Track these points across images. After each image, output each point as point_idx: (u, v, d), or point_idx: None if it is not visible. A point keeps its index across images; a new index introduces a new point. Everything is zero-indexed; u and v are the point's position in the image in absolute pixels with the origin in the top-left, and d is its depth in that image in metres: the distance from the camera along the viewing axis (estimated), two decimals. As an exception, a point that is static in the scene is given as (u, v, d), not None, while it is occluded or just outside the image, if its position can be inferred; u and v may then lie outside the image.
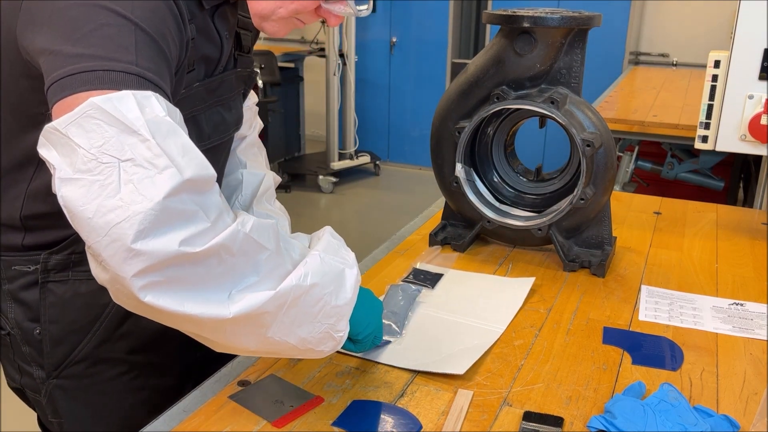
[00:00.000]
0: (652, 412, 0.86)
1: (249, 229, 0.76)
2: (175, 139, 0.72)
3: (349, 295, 0.86)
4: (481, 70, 1.35)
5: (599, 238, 1.40)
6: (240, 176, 1.18)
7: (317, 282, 0.82)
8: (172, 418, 0.90)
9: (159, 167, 0.70)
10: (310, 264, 0.83)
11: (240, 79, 1.11)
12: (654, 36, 5.06)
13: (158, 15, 0.80)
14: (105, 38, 0.74)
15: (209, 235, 0.72)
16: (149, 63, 0.76)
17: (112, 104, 0.70)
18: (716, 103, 1.54)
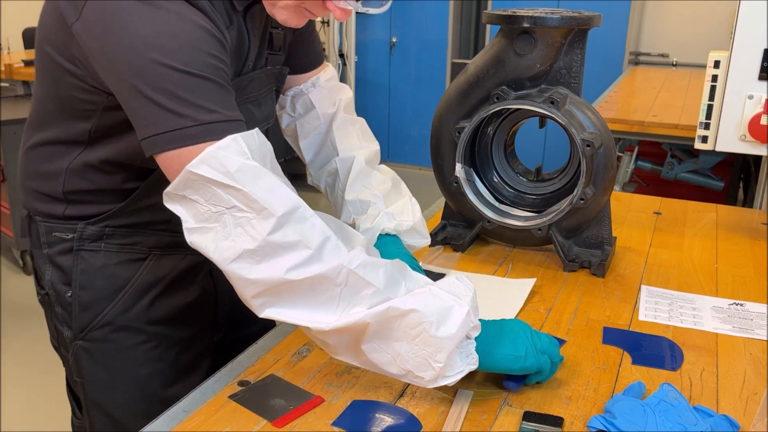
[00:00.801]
0: (652, 412, 0.86)
1: (355, 267, 0.84)
2: (260, 181, 0.82)
3: (452, 331, 0.86)
4: (481, 70, 1.35)
5: (599, 238, 1.41)
6: (334, 164, 1.23)
7: (417, 308, 0.86)
8: (172, 418, 0.90)
9: (257, 210, 0.81)
10: (415, 293, 0.88)
11: (271, 76, 1.14)
12: (654, 36, 5.07)
13: (201, 48, 0.84)
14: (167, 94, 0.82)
15: (313, 264, 0.83)
16: (213, 104, 0.84)
17: (204, 167, 0.81)
18: (716, 104, 1.54)
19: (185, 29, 0.84)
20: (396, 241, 1.18)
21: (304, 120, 1.28)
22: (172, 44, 0.82)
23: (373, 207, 1.19)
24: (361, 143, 1.27)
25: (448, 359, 0.87)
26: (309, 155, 1.29)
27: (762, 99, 1.49)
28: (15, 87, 4.70)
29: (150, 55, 0.81)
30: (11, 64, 4.42)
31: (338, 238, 0.86)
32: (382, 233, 1.17)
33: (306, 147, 1.28)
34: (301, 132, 1.28)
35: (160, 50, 0.81)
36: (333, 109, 1.27)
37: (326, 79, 1.28)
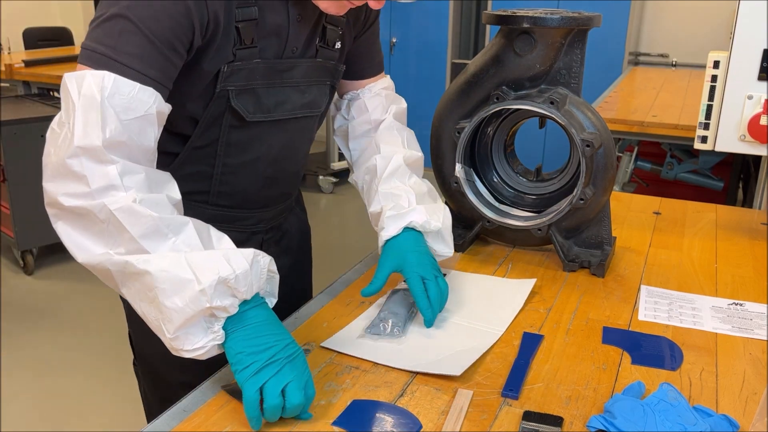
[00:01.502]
0: (651, 411, 0.87)
1: (114, 209, 0.86)
2: (89, 114, 0.87)
3: (180, 304, 0.84)
4: (481, 71, 1.36)
5: (599, 238, 1.41)
6: (374, 161, 1.28)
7: (151, 272, 0.84)
8: (172, 418, 0.90)
9: (71, 134, 0.87)
10: (164, 256, 0.86)
11: (323, 69, 1.20)
12: (654, 36, 5.07)
13: (165, 17, 0.92)
14: (102, 32, 0.93)
15: (82, 199, 0.87)
16: (133, 51, 0.91)
17: (72, 80, 0.90)
18: (716, 104, 1.54)
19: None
20: (420, 239, 1.19)
21: (355, 122, 1.35)
22: (146, 2, 0.91)
23: (404, 200, 1.21)
24: (405, 148, 1.30)
25: (179, 332, 0.85)
26: (355, 155, 1.36)
27: (761, 99, 1.49)
28: (15, 87, 4.70)
29: (125, 0, 0.92)
30: (11, 64, 4.42)
31: (128, 188, 0.87)
32: (408, 227, 1.18)
33: (353, 148, 1.36)
34: (352, 134, 1.35)
35: (134, 5, 0.91)
36: (385, 115, 1.33)
37: (382, 87, 1.36)
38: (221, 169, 1.16)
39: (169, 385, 1.26)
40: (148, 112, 0.92)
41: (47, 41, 6.02)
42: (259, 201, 1.25)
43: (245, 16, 1.03)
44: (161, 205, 0.90)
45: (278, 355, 0.87)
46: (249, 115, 1.11)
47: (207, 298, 0.84)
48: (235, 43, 1.04)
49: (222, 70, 1.05)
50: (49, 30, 6.30)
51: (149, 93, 0.92)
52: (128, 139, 0.90)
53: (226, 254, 0.87)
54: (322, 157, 5.32)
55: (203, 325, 0.87)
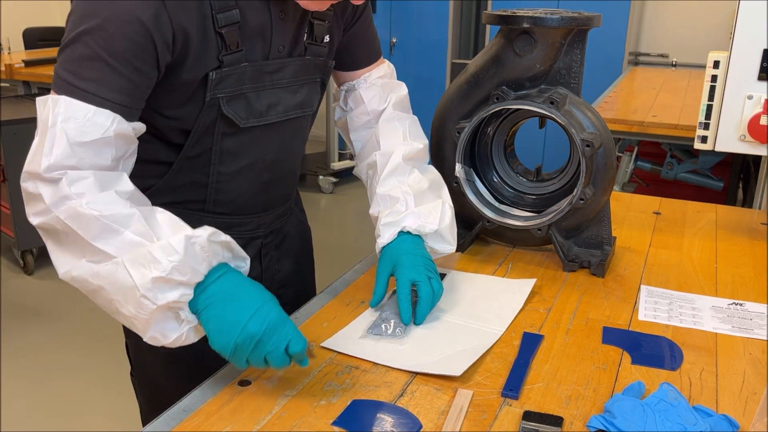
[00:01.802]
0: (651, 411, 0.87)
1: (64, 217, 0.89)
2: (42, 138, 0.91)
3: (133, 312, 0.87)
4: (481, 71, 1.36)
5: (599, 238, 1.41)
6: (374, 158, 1.26)
7: (103, 287, 0.89)
8: (172, 418, 0.90)
9: (28, 158, 0.92)
10: (109, 264, 0.88)
11: (312, 66, 1.18)
12: (653, 36, 5.07)
13: (122, 39, 0.92)
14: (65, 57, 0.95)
15: (43, 215, 0.91)
16: (92, 76, 0.92)
17: (40, 103, 0.94)
18: (715, 104, 1.54)
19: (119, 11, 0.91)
20: (417, 242, 1.19)
21: (353, 114, 1.32)
22: (100, 26, 0.91)
23: (401, 204, 1.20)
24: (406, 140, 1.28)
25: (151, 332, 0.89)
26: (357, 146, 1.34)
27: (761, 99, 1.49)
28: (15, 87, 4.70)
29: (83, 25, 0.92)
30: (11, 64, 4.42)
31: (79, 194, 0.90)
32: (404, 231, 1.18)
33: (355, 139, 1.34)
34: (351, 126, 1.33)
35: (88, 22, 0.92)
36: (383, 105, 1.30)
37: (379, 75, 1.32)
38: (216, 178, 1.14)
39: (167, 396, 1.21)
40: (104, 135, 0.93)
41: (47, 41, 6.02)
42: (257, 206, 1.23)
43: (228, 21, 1.01)
44: (110, 202, 0.90)
45: (248, 330, 0.88)
46: (242, 121, 1.09)
47: (150, 301, 0.86)
48: (221, 49, 1.02)
49: (210, 78, 1.03)
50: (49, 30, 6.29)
51: (105, 115, 0.93)
52: (78, 161, 0.91)
53: (156, 251, 0.87)
54: (322, 157, 5.32)
55: (171, 316, 0.89)
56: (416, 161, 1.28)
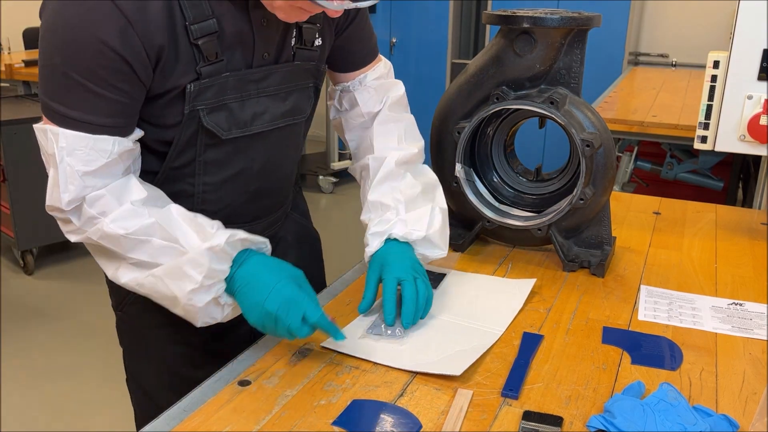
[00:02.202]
0: (651, 411, 0.87)
1: (97, 238, 0.99)
2: (54, 173, 0.96)
3: (182, 312, 1.00)
4: (481, 71, 1.36)
5: (599, 238, 1.41)
6: (367, 162, 1.26)
7: (150, 294, 1.01)
8: (172, 418, 0.90)
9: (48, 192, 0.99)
10: (147, 279, 0.99)
11: (302, 71, 1.15)
12: (653, 36, 5.07)
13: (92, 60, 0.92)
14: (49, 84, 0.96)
15: (77, 234, 1.01)
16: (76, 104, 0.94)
17: (39, 133, 0.97)
18: (715, 104, 1.55)
19: (79, 36, 0.91)
20: (404, 247, 1.17)
21: (348, 115, 1.31)
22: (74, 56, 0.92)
23: (392, 212, 1.19)
24: (400, 144, 1.27)
25: (200, 319, 1.00)
26: (352, 147, 1.33)
27: (761, 99, 1.49)
28: (15, 87, 4.70)
29: (57, 55, 0.93)
30: (11, 64, 4.42)
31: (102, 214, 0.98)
32: (391, 238, 1.17)
33: (350, 139, 1.33)
34: (346, 126, 1.32)
35: (60, 52, 0.93)
36: (379, 107, 1.28)
37: (374, 77, 1.29)
38: (202, 188, 1.12)
39: (158, 406, 1.22)
40: (109, 159, 0.97)
41: (47, 41, 6.01)
42: (246, 215, 1.20)
43: (204, 31, 0.98)
44: (130, 216, 0.98)
45: (266, 308, 0.97)
46: (224, 133, 1.07)
47: (192, 306, 0.98)
48: (198, 61, 1.00)
49: (188, 90, 1.00)
50: (49, 30, 6.28)
51: (106, 141, 0.96)
52: (94, 188, 0.98)
53: (185, 265, 0.96)
54: (322, 157, 5.32)
55: (213, 304, 1.00)
56: (410, 165, 1.27)
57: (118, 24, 0.91)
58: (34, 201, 3.56)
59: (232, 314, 1.04)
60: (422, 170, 1.29)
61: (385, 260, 1.14)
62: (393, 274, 1.12)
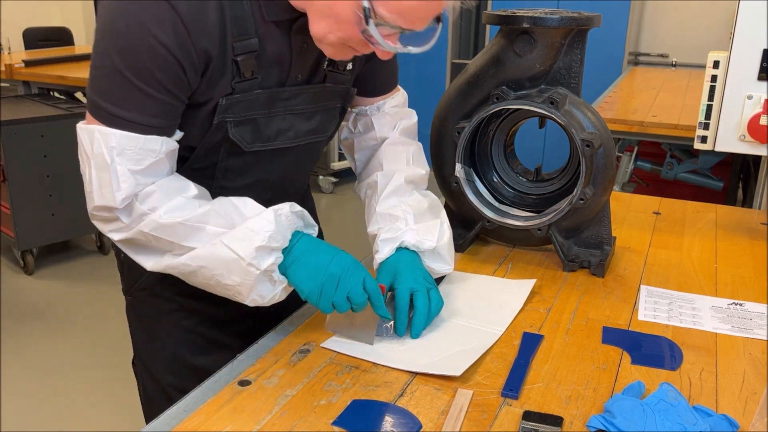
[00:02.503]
0: (651, 411, 0.87)
1: (150, 230, 1.00)
2: (102, 173, 0.98)
3: (238, 280, 0.99)
4: (481, 71, 1.36)
5: (599, 238, 1.41)
6: (375, 178, 1.27)
7: (205, 265, 1.00)
8: (172, 418, 0.90)
9: (91, 190, 1.01)
10: (208, 246, 0.99)
11: (332, 93, 1.18)
12: (653, 36, 5.07)
13: (144, 56, 0.95)
14: (101, 84, 0.99)
15: (124, 232, 1.03)
16: (126, 103, 0.97)
17: (83, 133, 0.99)
18: (715, 104, 1.55)
19: (136, 35, 0.93)
20: (415, 257, 1.17)
21: (361, 138, 1.33)
22: (120, 45, 0.95)
23: (401, 222, 1.20)
24: (408, 165, 1.29)
25: (252, 295, 1.01)
26: (360, 166, 1.36)
27: (761, 99, 1.49)
28: (15, 87, 4.70)
29: (112, 54, 0.95)
30: (11, 64, 4.42)
31: (153, 209, 1.00)
32: (402, 247, 1.17)
33: (358, 159, 1.35)
34: (357, 147, 1.34)
35: (117, 51, 0.95)
36: (390, 132, 1.31)
37: (392, 105, 1.32)
38: (217, 191, 1.14)
39: (162, 388, 1.27)
40: (158, 157, 1.00)
41: (47, 41, 6.02)
42: None
43: (244, 49, 1.01)
44: (182, 207, 1.01)
45: (329, 272, 1.01)
46: (247, 146, 1.10)
47: (255, 267, 0.98)
48: (234, 76, 1.02)
49: (220, 103, 1.03)
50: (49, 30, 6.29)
51: (155, 140, 0.99)
52: (144, 184, 1.00)
53: (252, 225, 0.99)
54: (322, 157, 5.32)
55: (266, 280, 1.01)
56: (417, 185, 1.29)
57: (174, 25, 0.93)
58: (34, 201, 3.57)
59: (280, 296, 1.04)
60: (427, 193, 1.31)
61: (397, 269, 1.14)
62: (406, 284, 1.11)
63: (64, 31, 6.32)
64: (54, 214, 3.63)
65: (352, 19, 0.93)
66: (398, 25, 0.94)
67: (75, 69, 4.40)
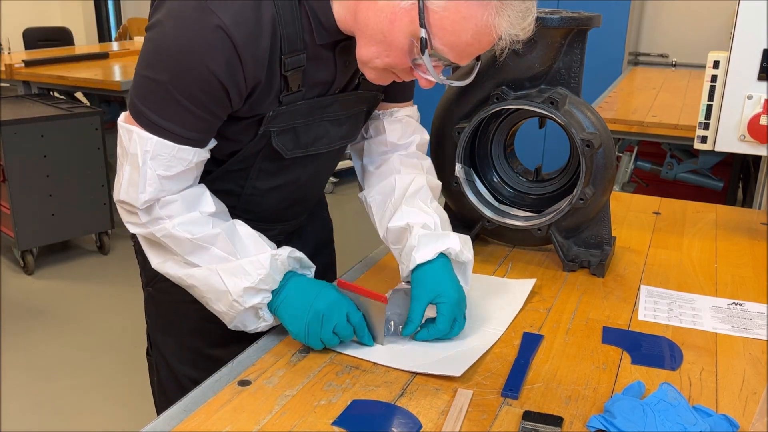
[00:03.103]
0: (651, 411, 0.87)
1: (161, 236, 1.04)
2: (134, 173, 1.02)
3: (223, 309, 1.05)
4: (481, 71, 1.35)
5: (599, 238, 1.41)
6: (393, 181, 1.25)
7: (197, 285, 1.05)
8: (172, 418, 0.90)
9: (120, 183, 1.05)
10: (204, 269, 1.04)
11: (363, 98, 1.21)
12: (653, 36, 5.07)
13: (191, 81, 0.98)
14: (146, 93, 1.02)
15: (140, 227, 1.07)
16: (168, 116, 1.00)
17: (124, 130, 1.03)
18: (715, 104, 1.55)
19: (189, 60, 0.96)
20: (453, 273, 1.12)
21: (372, 142, 1.32)
22: (171, 66, 0.97)
23: (431, 221, 1.16)
24: (426, 175, 1.28)
25: (235, 323, 1.06)
26: (369, 170, 1.32)
27: (761, 99, 1.49)
28: (15, 87, 4.70)
29: (162, 72, 0.98)
30: (11, 64, 4.41)
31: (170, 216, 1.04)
32: (444, 253, 1.12)
33: (367, 163, 1.33)
34: (367, 151, 1.33)
35: (167, 70, 0.97)
36: (404, 140, 1.30)
37: (405, 114, 1.32)
38: (250, 191, 1.18)
39: (176, 377, 1.31)
40: (188, 167, 1.03)
41: (47, 41, 6.02)
42: (282, 218, 1.29)
43: (294, 65, 1.04)
44: (195, 223, 1.04)
45: (313, 309, 1.03)
46: (288, 153, 1.13)
47: (239, 304, 1.03)
48: (282, 90, 1.05)
49: (268, 116, 1.06)
50: (49, 30, 6.29)
51: (188, 151, 1.02)
52: (168, 190, 1.03)
53: (248, 265, 1.03)
54: (322, 157, 5.32)
55: (252, 313, 1.05)
56: (435, 194, 1.27)
57: (226, 55, 0.96)
58: (34, 201, 3.57)
59: (262, 329, 1.09)
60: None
61: (442, 286, 1.09)
62: (451, 311, 1.07)
63: (64, 31, 6.32)
64: (54, 214, 3.63)
65: (405, 47, 0.97)
66: (448, 58, 0.97)
67: (75, 69, 4.40)
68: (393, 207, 1.21)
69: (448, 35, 0.94)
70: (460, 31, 0.93)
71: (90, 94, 4.60)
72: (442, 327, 1.07)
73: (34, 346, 3.01)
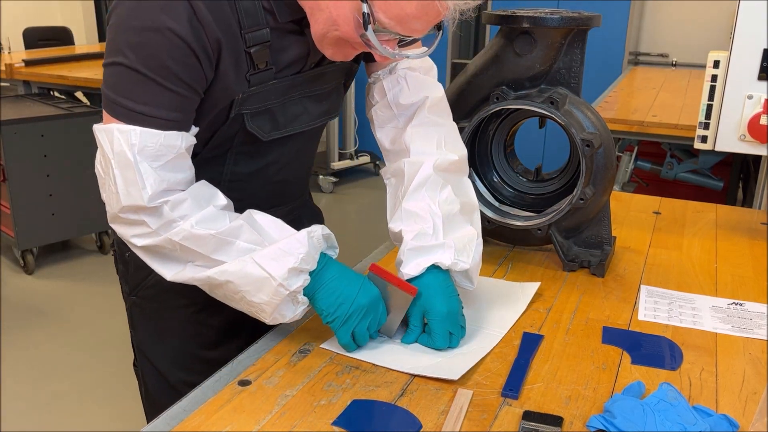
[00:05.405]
0: (651, 411, 0.87)
1: (180, 239, 0.98)
2: (126, 171, 0.96)
3: (265, 299, 0.99)
4: (481, 71, 1.36)
5: (599, 238, 1.41)
6: (402, 166, 1.18)
7: (232, 281, 0.99)
8: (172, 418, 0.90)
9: (116, 191, 0.98)
10: (237, 261, 0.98)
11: (340, 71, 1.17)
12: (653, 36, 5.07)
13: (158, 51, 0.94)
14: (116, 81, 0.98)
15: (150, 238, 1.00)
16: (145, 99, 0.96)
17: (102, 134, 0.98)
18: (715, 103, 1.55)
19: (150, 28, 0.93)
20: (448, 280, 1.10)
21: (377, 107, 1.24)
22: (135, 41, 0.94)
23: (428, 226, 1.11)
24: (440, 149, 1.18)
25: (275, 313, 1.00)
26: (385, 145, 1.25)
27: (761, 99, 1.49)
28: (15, 87, 4.70)
29: (125, 48, 0.95)
30: (11, 64, 4.42)
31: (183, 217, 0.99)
32: (435, 266, 1.09)
33: (382, 137, 1.25)
34: (377, 121, 1.25)
35: (131, 48, 0.94)
36: (410, 99, 1.20)
37: (404, 66, 1.21)
38: (229, 177, 1.15)
39: (170, 385, 1.27)
40: (178, 153, 0.99)
41: (47, 41, 6.02)
42: (269, 203, 1.21)
43: (256, 40, 1.01)
44: (213, 219, 1.00)
45: (358, 302, 1.02)
46: (265, 136, 1.10)
47: (285, 288, 0.98)
48: (248, 68, 1.02)
49: (236, 98, 1.04)
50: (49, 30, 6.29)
51: (175, 136, 0.98)
52: (168, 184, 0.98)
53: (285, 246, 0.98)
54: (322, 157, 5.31)
55: (290, 300, 1.00)
56: (449, 174, 1.17)
57: (187, 14, 0.93)
58: (34, 201, 3.57)
59: (299, 317, 1.04)
60: (464, 187, 1.21)
61: (431, 300, 1.07)
62: (441, 326, 1.05)
63: (65, 31, 6.32)
64: (54, 214, 3.63)
65: (352, 22, 0.94)
66: (397, 31, 0.94)
67: (75, 69, 4.40)
68: (396, 204, 1.18)
69: (391, 8, 0.91)
70: (403, 4, 0.90)
71: (90, 93, 4.60)
72: (439, 343, 1.06)
73: (34, 346, 3.01)
